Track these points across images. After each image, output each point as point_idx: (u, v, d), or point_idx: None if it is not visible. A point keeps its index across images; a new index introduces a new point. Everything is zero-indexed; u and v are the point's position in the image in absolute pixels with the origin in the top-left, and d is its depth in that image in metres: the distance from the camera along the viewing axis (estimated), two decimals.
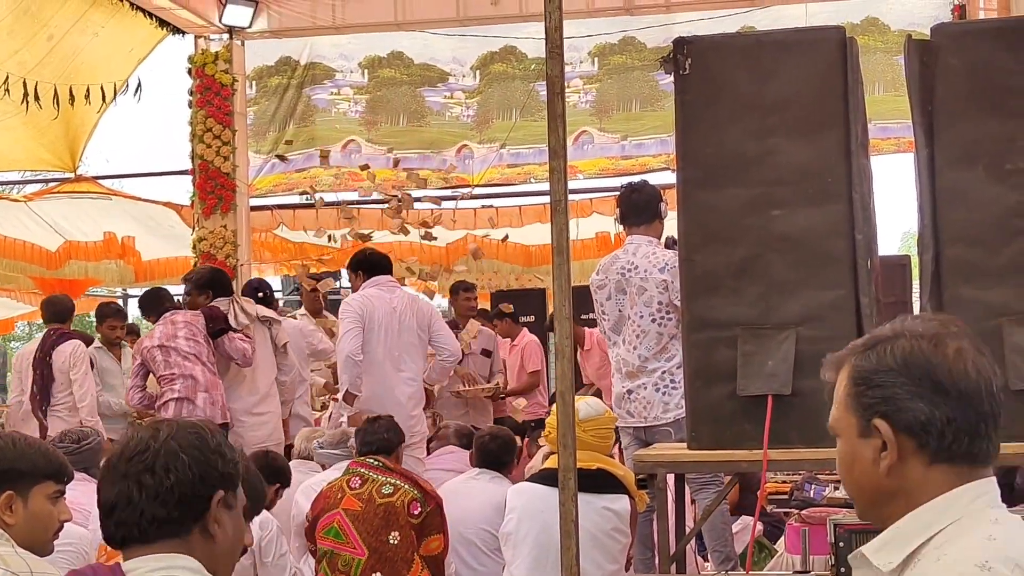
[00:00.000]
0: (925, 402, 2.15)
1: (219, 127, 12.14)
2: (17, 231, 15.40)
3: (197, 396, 8.86)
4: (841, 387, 2.28)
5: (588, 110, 14.22)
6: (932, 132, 4.92)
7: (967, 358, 2.21)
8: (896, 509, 2.18)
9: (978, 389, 2.18)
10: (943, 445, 2.14)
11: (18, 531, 3.85)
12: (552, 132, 4.92)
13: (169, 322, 9.13)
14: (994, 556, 2.02)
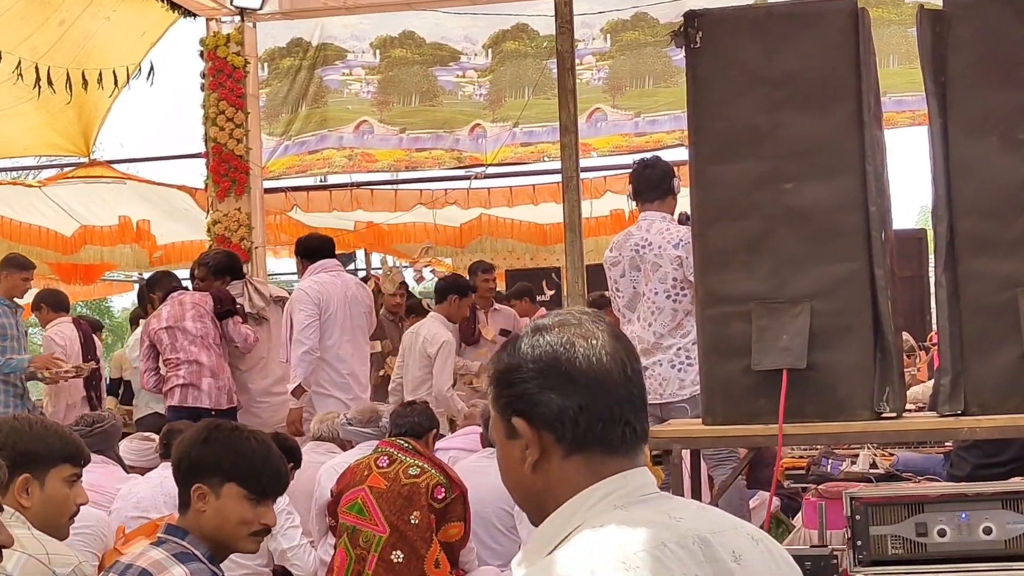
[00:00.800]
0: (556, 393, 2.11)
1: (232, 109, 12.10)
2: (32, 217, 15.42)
3: (202, 382, 8.87)
4: (490, 393, 2.28)
5: (601, 87, 14.15)
6: (945, 103, 4.89)
7: (596, 344, 2.15)
8: (549, 509, 2.14)
9: (610, 373, 2.13)
10: (577, 435, 2.10)
11: (34, 514, 3.86)
12: (563, 108, 4.92)
13: (177, 302, 9.11)
14: (600, 563, 1.96)
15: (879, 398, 4.84)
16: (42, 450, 3.92)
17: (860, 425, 4.86)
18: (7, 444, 3.90)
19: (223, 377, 8.97)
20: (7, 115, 13.22)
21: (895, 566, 3.95)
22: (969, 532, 3.99)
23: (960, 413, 4.83)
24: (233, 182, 11.89)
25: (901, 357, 5.00)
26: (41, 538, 3.77)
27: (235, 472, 3.77)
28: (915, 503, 4.03)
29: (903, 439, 6.51)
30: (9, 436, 3.92)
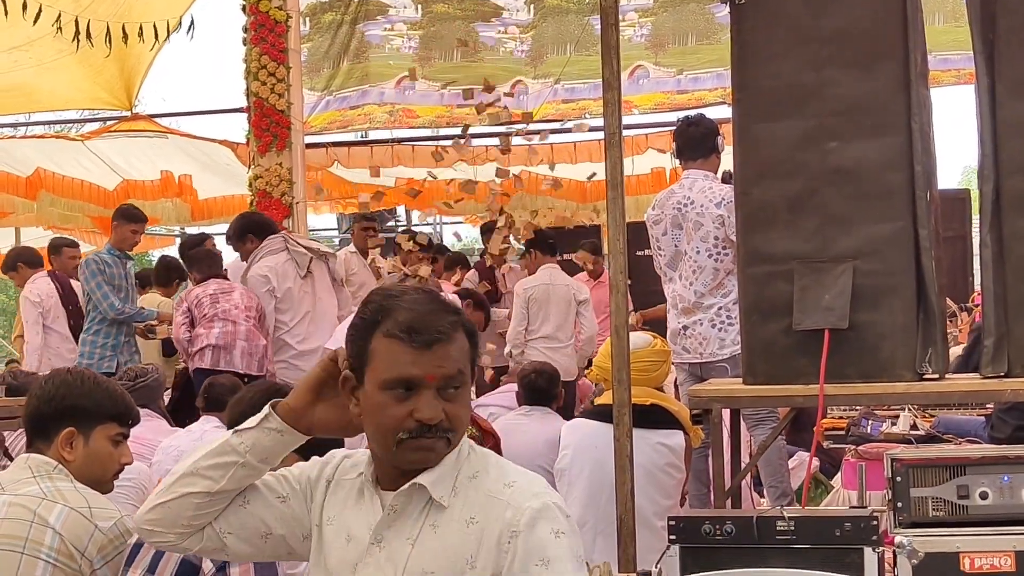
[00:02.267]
0: None
1: (273, 64, 12.08)
2: (75, 170, 15.49)
3: (236, 344, 8.84)
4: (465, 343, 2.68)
5: (643, 44, 14.09)
6: (993, 62, 4.83)
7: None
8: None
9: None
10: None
11: (76, 468, 3.88)
12: (606, 64, 4.87)
13: (225, 295, 9.09)
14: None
15: (921, 359, 4.81)
16: (90, 406, 3.93)
17: (902, 386, 4.83)
18: (56, 396, 3.92)
19: (256, 344, 8.92)
20: (50, 68, 13.27)
21: (936, 528, 3.92)
22: (1011, 494, 3.95)
23: (1004, 375, 4.79)
24: (274, 137, 11.89)
25: (944, 318, 4.97)
26: (83, 491, 3.79)
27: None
28: (956, 465, 4.00)
29: (945, 400, 6.48)
30: (59, 389, 3.94)
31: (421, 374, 2.62)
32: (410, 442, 2.63)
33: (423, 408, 2.62)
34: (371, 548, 2.70)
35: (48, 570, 3.60)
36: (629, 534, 4.79)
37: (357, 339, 2.70)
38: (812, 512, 4.23)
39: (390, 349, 2.63)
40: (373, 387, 2.66)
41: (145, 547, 3.60)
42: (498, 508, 2.64)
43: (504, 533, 2.61)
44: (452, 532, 2.65)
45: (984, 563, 3.84)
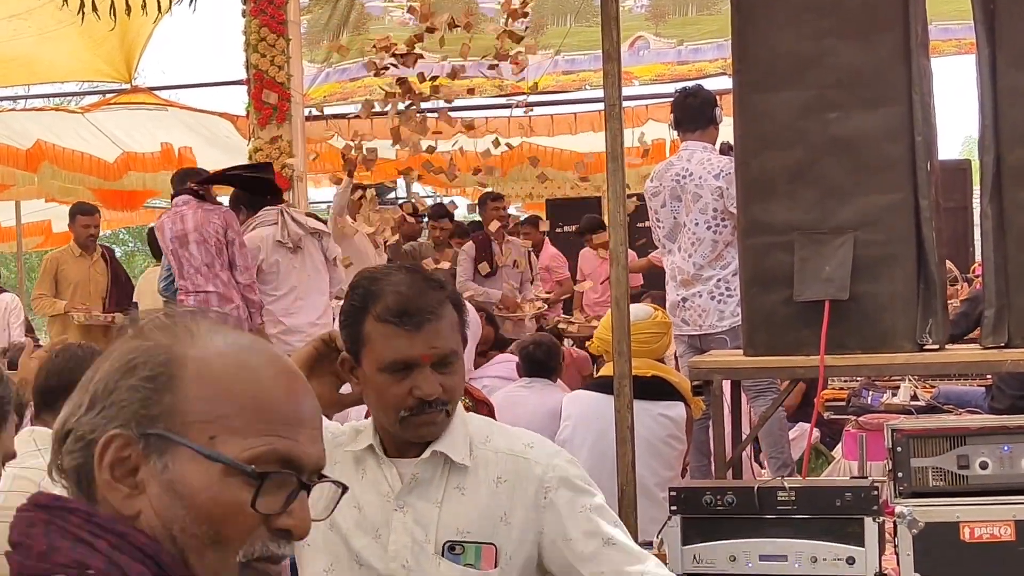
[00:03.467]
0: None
1: (273, 36, 12.06)
2: (75, 143, 15.45)
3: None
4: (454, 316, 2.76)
5: (643, 15, 14.05)
6: (993, 32, 4.82)
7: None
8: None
9: None
10: None
11: None
12: (606, 35, 4.86)
13: (179, 217, 8.91)
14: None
15: (922, 330, 4.81)
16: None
17: (903, 357, 4.84)
18: (65, 370, 3.94)
19: (229, 305, 8.85)
20: (50, 38, 13.23)
21: (936, 498, 3.94)
22: (1011, 464, 3.97)
23: (1004, 345, 4.80)
24: (274, 109, 11.87)
25: (945, 289, 4.97)
26: None
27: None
28: (957, 435, 4.02)
29: (946, 371, 6.49)
30: (69, 363, 3.96)
31: (416, 355, 2.70)
32: (412, 419, 2.73)
33: (422, 385, 2.70)
34: (395, 514, 2.77)
35: None
36: (630, 505, 4.80)
37: (350, 324, 2.78)
38: (813, 482, 4.25)
39: (383, 333, 2.71)
40: (371, 369, 2.74)
41: None
42: (526, 466, 2.78)
43: (539, 491, 2.75)
44: (482, 493, 2.76)
45: (984, 532, 3.86)
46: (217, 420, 1.57)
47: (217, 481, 1.56)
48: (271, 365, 1.64)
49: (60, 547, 1.54)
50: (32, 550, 1.55)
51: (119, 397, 1.58)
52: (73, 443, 1.60)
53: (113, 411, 1.58)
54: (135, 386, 1.58)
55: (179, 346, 1.60)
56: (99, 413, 1.58)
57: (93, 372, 1.62)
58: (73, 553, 1.53)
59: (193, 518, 1.56)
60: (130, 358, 1.59)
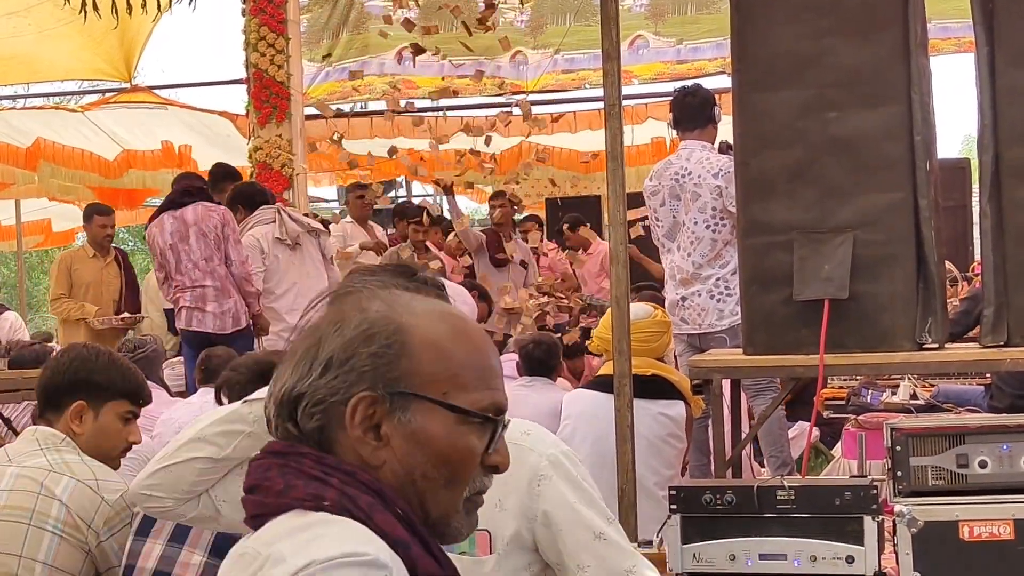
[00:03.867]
0: None
1: (273, 35, 12.08)
2: (75, 140, 15.44)
3: (207, 305, 8.80)
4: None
5: (643, 14, 14.06)
6: (992, 30, 4.82)
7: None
8: None
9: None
10: None
11: (85, 442, 3.90)
12: (605, 35, 4.87)
13: (180, 220, 8.95)
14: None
15: (921, 329, 4.82)
16: (102, 381, 3.95)
17: (902, 356, 4.84)
18: (70, 369, 3.94)
19: (228, 301, 8.87)
20: (50, 36, 13.24)
21: (935, 497, 3.94)
22: (1010, 463, 3.97)
23: (1003, 344, 4.81)
24: (274, 108, 11.89)
25: (944, 288, 4.97)
26: (90, 463, 3.81)
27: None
28: (956, 434, 4.02)
29: (945, 370, 6.49)
30: (73, 362, 3.96)
31: None
32: None
33: None
34: None
35: (55, 541, 3.62)
36: (630, 504, 4.81)
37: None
38: (812, 481, 4.25)
39: None
40: None
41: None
42: (522, 453, 2.80)
43: (533, 478, 2.79)
44: None
45: (983, 531, 3.86)
46: (446, 378, 1.84)
47: (453, 429, 1.84)
48: (472, 327, 1.93)
49: (296, 484, 1.80)
50: (270, 490, 1.81)
51: (359, 363, 1.82)
52: (311, 406, 1.83)
53: (354, 375, 1.82)
54: (376, 353, 1.82)
55: (401, 316, 1.85)
56: (336, 377, 1.82)
57: (312, 341, 1.84)
58: (308, 488, 1.79)
59: (433, 463, 1.83)
60: (364, 328, 1.83)
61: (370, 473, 1.81)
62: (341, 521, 1.76)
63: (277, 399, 1.86)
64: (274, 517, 1.80)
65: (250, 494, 1.85)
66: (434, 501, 1.85)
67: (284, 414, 1.85)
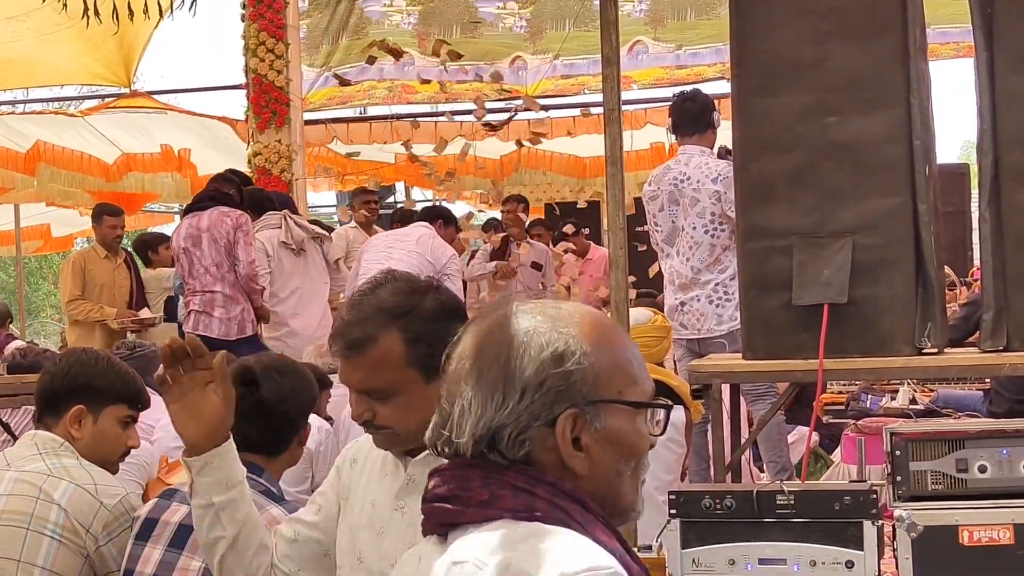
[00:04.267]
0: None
1: (272, 40, 12.08)
2: (75, 143, 15.41)
3: (214, 310, 8.82)
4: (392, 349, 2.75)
5: (642, 19, 14.06)
6: (991, 35, 4.82)
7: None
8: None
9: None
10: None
11: (84, 446, 3.90)
12: (605, 40, 4.87)
13: (194, 226, 8.97)
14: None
15: (921, 333, 4.81)
16: (102, 385, 3.96)
17: (901, 361, 4.84)
18: (69, 373, 3.94)
19: (236, 308, 8.87)
20: (48, 41, 13.23)
21: (935, 501, 3.94)
22: (1010, 468, 3.97)
23: (1003, 349, 4.81)
24: (273, 114, 11.89)
25: (943, 292, 4.97)
26: (89, 468, 3.81)
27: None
28: (955, 439, 4.01)
29: (944, 375, 6.50)
30: (73, 366, 3.96)
31: (346, 380, 2.81)
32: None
33: (352, 406, 2.81)
34: (394, 514, 2.82)
35: (53, 546, 3.62)
36: None
37: None
38: (812, 486, 4.25)
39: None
40: None
41: (162, 522, 3.62)
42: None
43: None
44: None
45: (983, 536, 3.86)
46: (619, 378, 1.96)
47: (632, 422, 1.97)
48: (612, 322, 2.15)
49: (503, 495, 1.88)
50: (472, 500, 1.89)
51: (554, 383, 1.90)
52: (518, 435, 1.90)
53: (551, 396, 1.90)
54: (567, 371, 1.91)
55: (569, 329, 1.94)
56: (533, 402, 1.90)
57: (493, 371, 1.91)
58: (518, 499, 1.87)
59: (624, 458, 1.97)
60: (552, 349, 1.91)
61: (571, 483, 1.91)
62: (561, 531, 1.85)
63: (476, 435, 1.91)
64: (474, 525, 1.88)
65: (444, 503, 1.92)
66: (623, 493, 1.98)
67: (484, 445, 1.92)
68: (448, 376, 1.97)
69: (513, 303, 1.99)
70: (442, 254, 9.26)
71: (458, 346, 1.98)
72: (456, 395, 1.93)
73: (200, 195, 9.18)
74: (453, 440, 1.93)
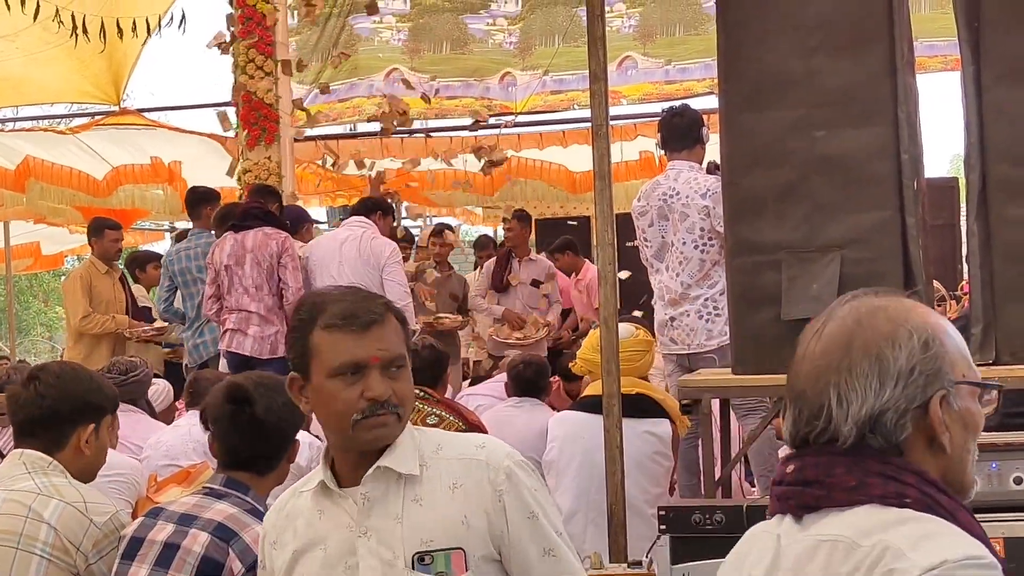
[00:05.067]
0: None
1: (261, 58, 12.08)
2: (65, 159, 15.36)
3: (249, 328, 8.83)
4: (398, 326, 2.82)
5: (631, 35, 14.10)
6: (978, 49, 4.84)
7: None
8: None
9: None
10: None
11: (87, 462, 3.91)
12: (592, 56, 4.87)
13: (240, 243, 8.99)
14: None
15: None
16: (99, 401, 3.97)
17: None
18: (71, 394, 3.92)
19: (271, 328, 8.90)
20: (37, 61, 13.24)
21: None
22: (999, 482, 3.98)
23: (992, 362, 4.81)
24: (263, 131, 11.88)
25: (932, 306, 4.97)
26: (78, 486, 3.80)
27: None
28: None
29: None
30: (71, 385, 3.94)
31: (366, 356, 2.75)
32: (364, 422, 2.75)
33: (372, 386, 2.74)
34: (360, 540, 2.77)
35: (43, 565, 3.61)
36: (620, 524, 4.80)
37: (297, 340, 2.84)
38: None
39: (332, 339, 2.77)
40: (321, 378, 2.79)
41: (148, 541, 3.61)
42: (478, 469, 2.81)
43: (493, 493, 2.78)
44: (439, 500, 2.78)
45: None
46: (960, 361, 2.09)
47: (975, 401, 2.12)
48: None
49: (871, 482, 1.99)
50: (837, 485, 2.01)
51: (924, 368, 2.03)
52: (899, 418, 2.03)
53: (923, 380, 2.03)
54: (934, 354, 2.04)
55: (918, 318, 2.07)
56: (906, 387, 2.03)
57: (867, 361, 2.04)
58: (887, 487, 1.99)
59: (971, 436, 2.11)
60: (919, 336, 2.04)
61: (933, 469, 2.04)
62: (933, 519, 1.96)
63: (859, 421, 2.03)
64: (836, 509, 2.00)
65: (808, 487, 2.04)
66: (968, 470, 2.11)
67: (867, 429, 2.03)
68: (806, 374, 2.13)
69: (852, 300, 2.14)
70: (381, 251, 9.26)
71: (808, 346, 2.16)
72: (824, 389, 2.06)
73: (244, 212, 9.16)
74: (831, 428, 2.05)
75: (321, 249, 9.38)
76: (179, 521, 3.62)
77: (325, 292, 2.92)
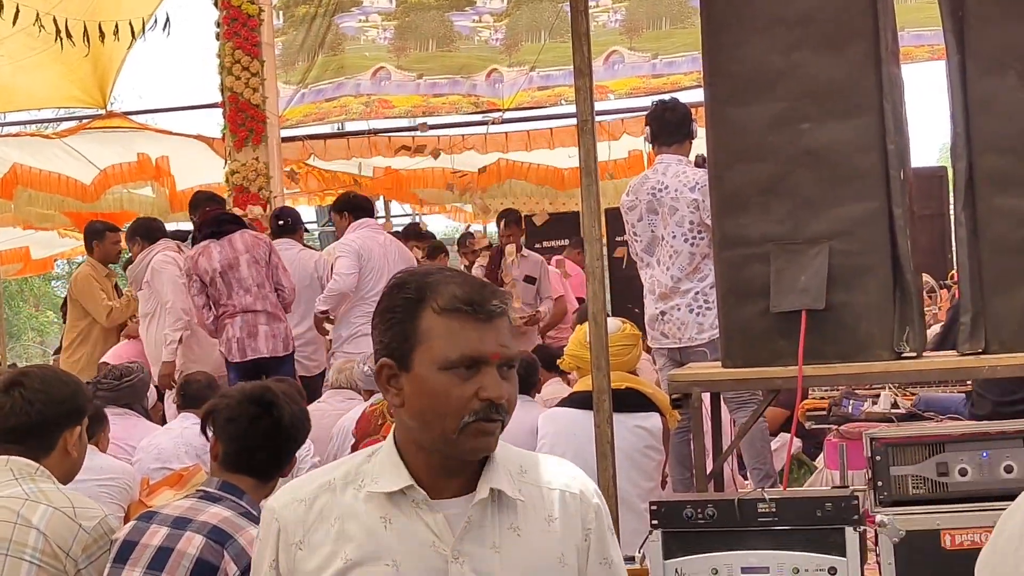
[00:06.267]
0: None
1: (247, 58, 12.05)
2: (52, 164, 15.32)
3: (258, 329, 8.83)
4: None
5: (618, 29, 14.07)
6: (963, 39, 4.83)
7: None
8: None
9: None
10: None
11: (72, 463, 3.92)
12: (577, 51, 4.86)
13: (228, 246, 8.98)
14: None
15: (899, 338, 4.82)
16: (84, 403, 4.00)
17: (880, 365, 4.84)
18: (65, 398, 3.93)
19: (280, 325, 8.92)
20: (24, 67, 13.20)
21: (916, 506, 3.94)
22: (990, 471, 3.98)
23: (981, 352, 4.81)
24: (250, 132, 11.86)
25: (921, 297, 4.98)
26: (66, 491, 3.80)
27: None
28: (936, 443, 4.02)
29: (924, 379, 6.49)
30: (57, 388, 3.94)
31: (487, 351, 2.44)
32: (475, 425, 2.44)
33: (490, 386, 2.44)
34: (452, 566, 2.47)
35: (32, 570, 3.60)
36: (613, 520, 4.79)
37: (397, 322, 2.48)
38: (793, 493, 4.25)
39: (449, 326, 2.43)
40: (428, 369, 2.44)
41: (141, 544, 3.61)
42: (573, 502, 2.60)
43: (582, 531, 2.59)
44: (536, 534, 2.54)
45: (965, 540, 3.86)
46: None
47: None
48: None
49: None
50: None
51: None
52: None
53: None
54: None
55: None
56: None
57: None
58: None
59: None
60: None
61: None
62: None
63: None
64: None
65: None
66: None
67: None
68: None
69: None
70: (410, 256, 9.58)
71: None
72: None
73: (216, 219, 9.17)
74: None
75: (372, 251, 9.47)
76: (173, 524, 3.62)
77: (428, 270, 2.53)
